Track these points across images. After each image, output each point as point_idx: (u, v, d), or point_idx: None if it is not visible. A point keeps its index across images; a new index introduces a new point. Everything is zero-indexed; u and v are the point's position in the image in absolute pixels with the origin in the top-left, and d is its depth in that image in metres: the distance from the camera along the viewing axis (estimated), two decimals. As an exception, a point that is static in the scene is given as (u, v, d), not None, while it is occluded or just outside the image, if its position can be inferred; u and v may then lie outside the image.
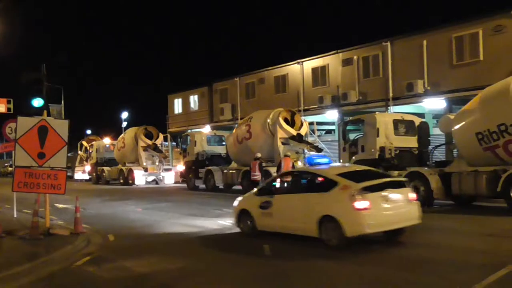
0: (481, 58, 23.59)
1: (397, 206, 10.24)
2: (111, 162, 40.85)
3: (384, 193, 9.94)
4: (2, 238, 11.62)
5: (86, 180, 44.29)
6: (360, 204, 9.45)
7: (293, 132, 24.43)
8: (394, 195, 10.21)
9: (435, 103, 25.88)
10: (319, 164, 12.24)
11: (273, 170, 23.11)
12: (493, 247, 9.75)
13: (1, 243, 11.14)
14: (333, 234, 9.88)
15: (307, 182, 11.67)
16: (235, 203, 12.77)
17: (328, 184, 10.42)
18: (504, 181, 14.50)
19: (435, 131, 21.39)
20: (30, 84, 18.06)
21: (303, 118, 26.80)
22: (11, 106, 20.12)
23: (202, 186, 29.32)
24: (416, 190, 17.01)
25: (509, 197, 14.50)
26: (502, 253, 8.81)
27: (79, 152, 47.27)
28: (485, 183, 15.18)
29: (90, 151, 44.44)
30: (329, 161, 13.29)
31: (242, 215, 12.21)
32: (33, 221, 11.88)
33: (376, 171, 12.53)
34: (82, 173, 45.84)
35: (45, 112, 14.30)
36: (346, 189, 9.84)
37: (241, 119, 32.87)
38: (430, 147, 19.35)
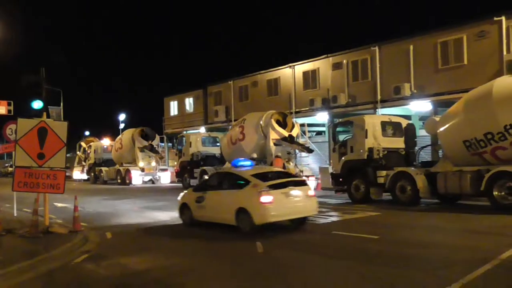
0: (465, 62, 23.70)
1: (297, 200, 12.31)
2: (108, 162, 40.90)
3: (285, 190, 11.95)
4: (2, 236, 11.57)
5: (84, 180, 44.22)
6: (265, 198, 11.41)
7: (285, 133, 24.46)
8: (295, 191, 12.23)
9: (421, 106, 25.97)
10: (242, 166, 13.86)
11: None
12: (477, 244, 9.79)
13: (1, 241, 11.09)
14: (246, 223, 11.80)
15: (230, 181, 13.30)
16: (179, 198, 14.56)
17: (244, 183, 12.35)
18: (487, 181, 14.59)
19: (421, 132, 21.46)
20: (30, 87, 17.96)
21: (294, 120, 26.80)
22: (11, 108, 19.97)
23: (197, 185, 29.26)
24: (403, 189, 17.19)
25: (492, 196, 14.59)
26: (486, 250, 8.83)
27: (78, 152, 47.14)
28: (469, 182, 15.26)
29: (88, 151, 44.36)
30: (252, 163, 14.62)
31: (184, 208, 14.09)
32: (33, 220, 11.84)
33: (285, 172, 14.89)
34: (80, 173, 45.76)
35: (44, 114, 14.22)
36: (255, 187, 11.83)
37: (234, 121, 32.87)
38: (416, 148, 19.40)
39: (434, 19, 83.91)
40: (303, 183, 13.10)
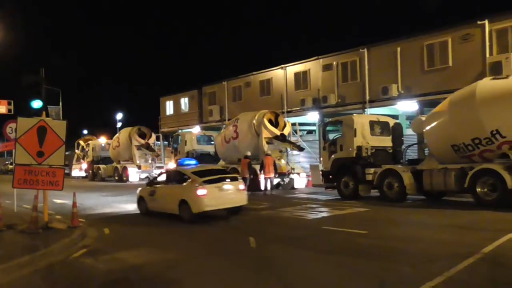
0: (450, 64, 23.80)
1: (229, 193, 14.03)
2: (106, 160, 40.83)
3: (219, 184, 13.70)
4: (3, 232, 11.51)
5: (82, 177, 44.03)
6: (200, 192, 13.15)
7: (277, 132, 24.52)
8: (227, 186, 14.01)
9: (408, 106, 26.06)
10: (187, 165, 16.22)
11: (257, 168, 23.22)
12: (461, 239, 9.83)
13: (2, 236, 11.04)
14: (186, 212, 13.43)
15: (175, 177, 15.22)
16: (137, 191, 16.35)
17: (186, 178, 14.17)
18: (471, 178, 14.67)
19: (408, 131, 21.52)
20: (30, 87, 17.87)
21: (286, 119, 26.88)
22: (11, 107, 19.87)
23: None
24: (390, 186, 17.25)
25: (475, 193, 14.65)
26: (469, 244, 8.87)
27: (76, 150, 46.98)
28: (454, 179, 15.34)
29: (87, 150, 44.24)
30: (196, 163, 17.86)
31: (140, 200, 15.88)
32: (33, 216, 11.77)
33: (221, 169, 16.50)
34: (79, 171, 45.67)
35: (44, 113, 14.16)
36: (193, 182, 13.57)
37: (228, 120, 32.87)
38: (403, 146, 19.45)
39: (420, 23, 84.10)
40: (235, 179, 14.68)
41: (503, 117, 14.27)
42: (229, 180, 14.28)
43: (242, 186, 14.61)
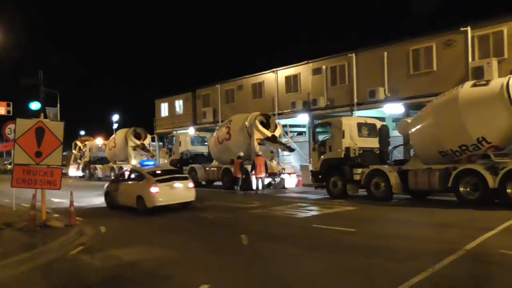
0: (435, 68, 23.95)
1: (179, 190, 15.84)
2: (103, 160, 40.72)
3: (170, 183, 15.51)
4: (2, 230, 11.43)
5: (79, 177, 43.82)
6: (153, 189, 14.90)
7: (268, 133, 24.52)
8: (177, 184, 15.88)
9: (394, 108, 26.15)
10: (146, 165, 17.85)
11: (248, 168, 23.21)
12: (444, 236, 9.88)
13: (1, 234, 10.97)
14: (142, 206, 15.15)
15: (135, 176, 16.73)
16: (105, 187, 18.10)
17: (142, 177, 15.79)
18: (454, 178, 14.75)
19: (394, 133, 21.64)
20: (29, 89, 17.80)
21: (277, 121, 26.86)
22: (10, 108, 19.73)
23: (186, 182, 29.19)
24: (377, 185, 17.30)
25: (458, 192, 14.73)
26: (452, 241, 8.92)
27: (74, 151, 46.83)
28: (438, 179, 15.41)
29: (84, 150, 44.15)
30: (154, 163, 20.51)
31: (107, 195, 17.61)
32: (31, 214, 11.72)
33: (174, 170, 18.34)
34: (76, 170, 45.43)
35: (42, 114, 14.04)
36: (148, 181, 15.24)
37: (221, 122, 32.83)
38: (389, 147, 19.53)
39: (406, 28, 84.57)
40: (185, 178, 16.93)
41: (486, 123, 14.37)
42: (179, 179, 16.30)
43: (191, 184, 16.46)
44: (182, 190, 15.94)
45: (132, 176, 17.10)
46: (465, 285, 6.27)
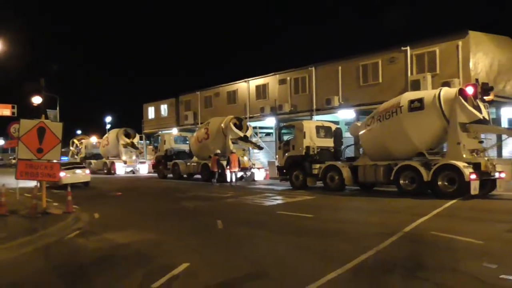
0: (380, 81, 24.39)
1: (79, 175, 21.74)
2: (97, 156, 40.13)
3: (72, 170, 21.49)
4: (7, 216, 11.11)
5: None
6: (61, 174, 18.12)
7: (241, 134, 24.56)
8: (78, 170, 21.97)
9: (347, 114, 26.53)
10: (62, 160, 20.25)
11: (224, 163, 23.18)
12: (387, 221, 10.03)
13: (6, 220, 10.65)
14: (57, 184, 18.10)
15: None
16: None
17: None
18: (396, 172, 15.08)
19: (347, 134, 21.94)
20: (31, 94, 17.35)
21: (248, 123, 26.90)
22: (15, 110, 19.23)
23: (170, 175, 28.97)
24: (332, 178, 17.53)
25: (399, 184, 15.06)
26: (393, 225, 9.07)
27: (71, 148, 45.84)
28: (382, 173, 15.72)
29: (80, 147, 43.36)
30: (67, 159, 24.88)
31: None
32: (33, 203, 11.45)
33: (77, 162, 26.36)
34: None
35: (43, 115, 13.72)
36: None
37: (201, 123, 32.65)
38: (342, 147, 19.81)
39: (357, 47, 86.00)
40: (83, 167, 23.48)
41: (423, 130, 14.70)
42: (79, 168, 22.69)
43: (87, 171, 22.80)
44: (81, 174, 21.91)
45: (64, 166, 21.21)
46: (402, 260, 6.40)
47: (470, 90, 14.42)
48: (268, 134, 36.86)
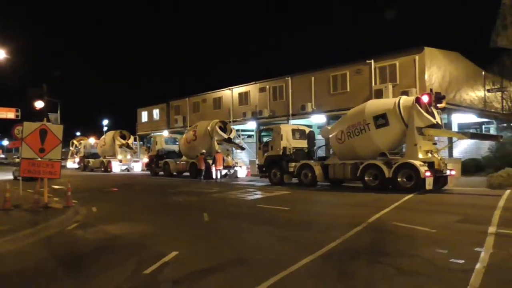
0: (348, 90, 24.70)
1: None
2: (94, 155, 39.53)
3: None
4: (11, 210, 10.79)
5: (76, 168, 42.14)
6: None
7: (225, 136, 24.49)
8: None
9: (319, 119, 26.76)
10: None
11: (210, 162, 23.08)
12: (353, 213, 10.12)
13: (10, 214, 10.35)
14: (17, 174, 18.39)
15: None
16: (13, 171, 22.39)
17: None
18: (361, 170, 15.27)
19: (319, 137, 22.15)
20: (34, 99, 16.92)
21: (232, 126, 26.85)
22: (19, 114, 18.78)
23: (161, 173, 28.68)
24: (306, 175, 17.63)
25: (364, 180, 15.25)
26: (359, 216, 9.15)
27: (71, 148, 45.19)
28: (350, 171, 15.89)
29: (79, 147, 42.70)
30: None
31: (14, 172, 21.58)
32: (35, 198, 11.13)
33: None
34: (72, 163, 43.95)
35: (45, 119, 13.43)
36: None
37: (189, 126, 32.45)
38: (315, 147, 19.96)
39: (328, 59, 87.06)
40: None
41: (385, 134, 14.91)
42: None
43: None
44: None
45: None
46: (367, 247, 6.48)
47: (425, 99, 14.72)
48: (249, 136, 36.87)
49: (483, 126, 31.21)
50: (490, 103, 22.94)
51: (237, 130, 28.86)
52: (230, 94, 33.10)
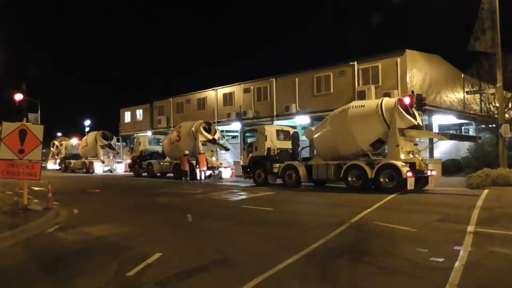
0: (332, 91, 24.95)
1: None
2: (76, 156, 38.79)
3: None
4: (-13, 213, 10.50)
5: (57, 170, 41.28)
6: None
7: (210, 136, 24.41)
8: None
9: (303, 120, 26.94)
10: None
11: (193, 162, 22.97)
12: (337, 212, 10.16)
13: (-13, 217, 10.06)
14: None
15: None
16: None
17: None
18: (344, 171, 15.42)
19: (303, 138, 22.30)
20: (13, 96, 16.40)
21: (216, 127, 26.80)
22: (-4, 113, 18.23)
23: (145, 174, 28.37)
24: (290, 176, 17.70)
25: (347, 181, 15.40)
26: (342, 216, 9.21)
27: (52, 149, 44.20)
28: (333, 172, 16.02)
29: (60, 148, 41.78)
30: None
31: None
32: (14, 200, 10.87)
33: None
34: (53, 164, 43.04)
35: (24, 119, 13.05)
36: None
37: (173, 127, 32.22)
38: (299, 148, 20.07)
39: (312, 61, 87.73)
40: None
41: (367, 134, 15.05)
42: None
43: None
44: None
45: None
46: (349, 246, 6.54)
47: (407, 100, 14.97)
48: (234, 137, 36.81)
49: (463, 127, 31.99)
50: (469, 105, 23.52)
51: (222, 131, 28.83)
52: (215, 94, 33.02)
